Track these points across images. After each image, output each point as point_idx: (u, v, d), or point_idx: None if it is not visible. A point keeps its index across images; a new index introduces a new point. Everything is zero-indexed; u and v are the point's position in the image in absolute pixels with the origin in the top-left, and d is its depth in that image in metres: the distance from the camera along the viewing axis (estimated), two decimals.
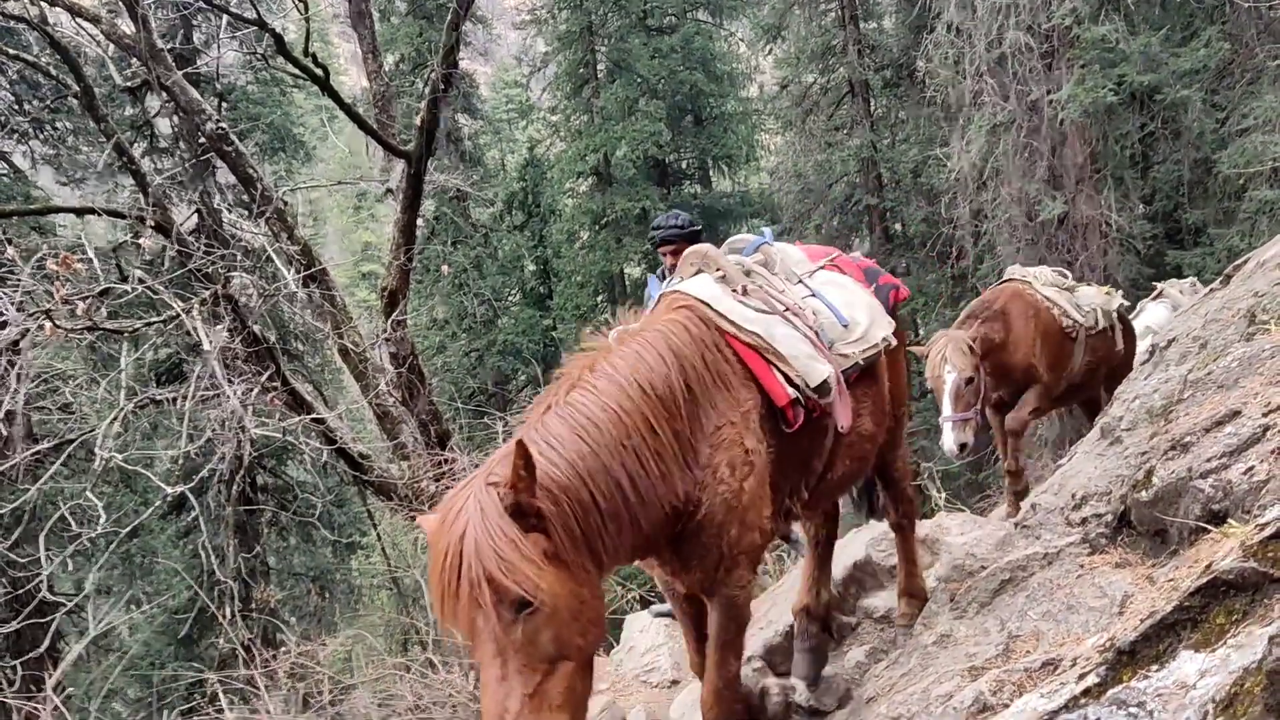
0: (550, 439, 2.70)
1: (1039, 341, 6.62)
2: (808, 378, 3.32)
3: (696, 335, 3.22)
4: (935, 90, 15.52)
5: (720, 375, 3.21)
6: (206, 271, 9.44)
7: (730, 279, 3.56)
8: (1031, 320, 6.66)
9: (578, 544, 2.60)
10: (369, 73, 14.59)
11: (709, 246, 3.81)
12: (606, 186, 23.52)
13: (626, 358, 2.99)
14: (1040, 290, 6.83)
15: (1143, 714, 1.97)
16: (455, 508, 2.51)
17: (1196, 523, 2.86)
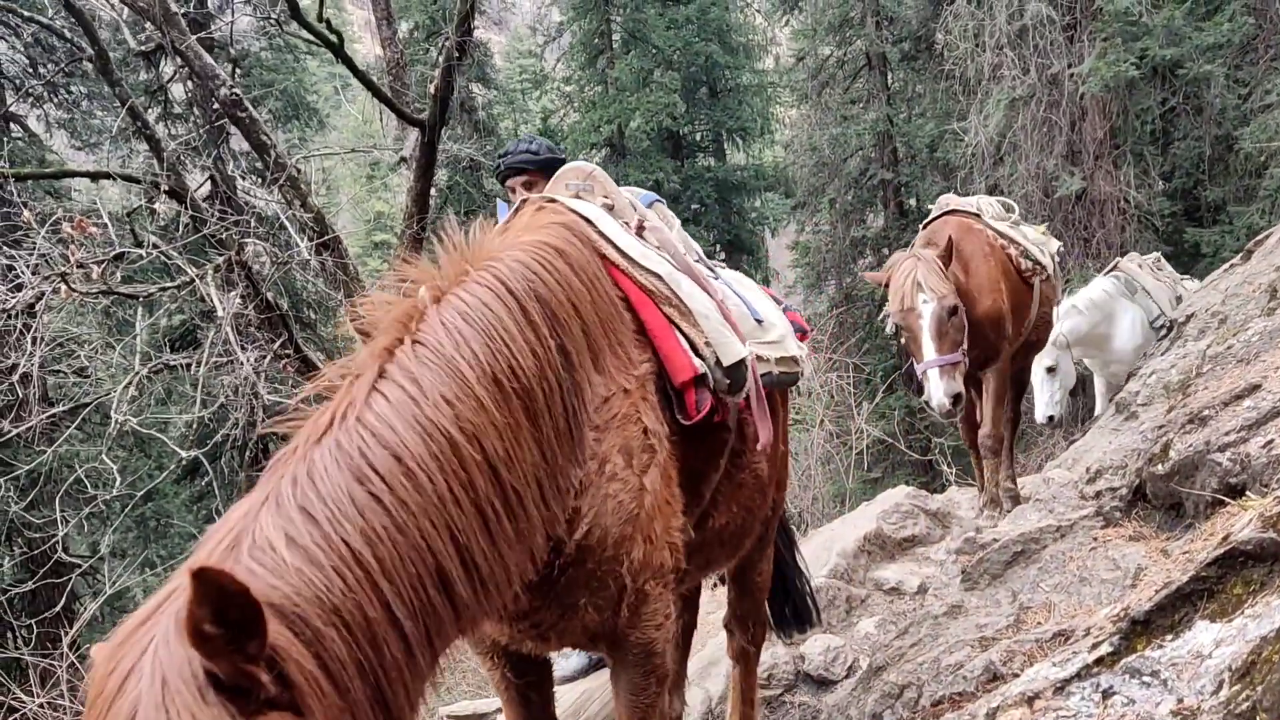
0: (295, 527, 1.50)
1: (1001, 281, 5.37)
2: (720, 351, 2.40)
3: (577, 263, 2.25)
4: (954, 63, 15.35)
5: (608, 325, 2.28)
6: (220, 238, 9.44)
7: (620, 211, 2.69)
8: (990, 260, 5.39)
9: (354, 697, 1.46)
10: (383, 40, 14.51)
11: (594, 167, 2.87)
12: (620, 158, 23.39)
13: (460, 326, 1.90)
14: (991, 225, 5.58)
15: (1156, 682, 1.97)
16: (120, 668, 1.33)
17: (1214, 495, 2.84)
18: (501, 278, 2.05)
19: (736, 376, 2.42)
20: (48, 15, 12.81)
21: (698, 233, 22.66)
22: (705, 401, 2.34)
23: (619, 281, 2.39)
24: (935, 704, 2.91)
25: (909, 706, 3.02)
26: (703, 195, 23.22)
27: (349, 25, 29.36)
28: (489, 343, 1.91)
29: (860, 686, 3.61)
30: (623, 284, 2.39)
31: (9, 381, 7.84)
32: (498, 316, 1.97)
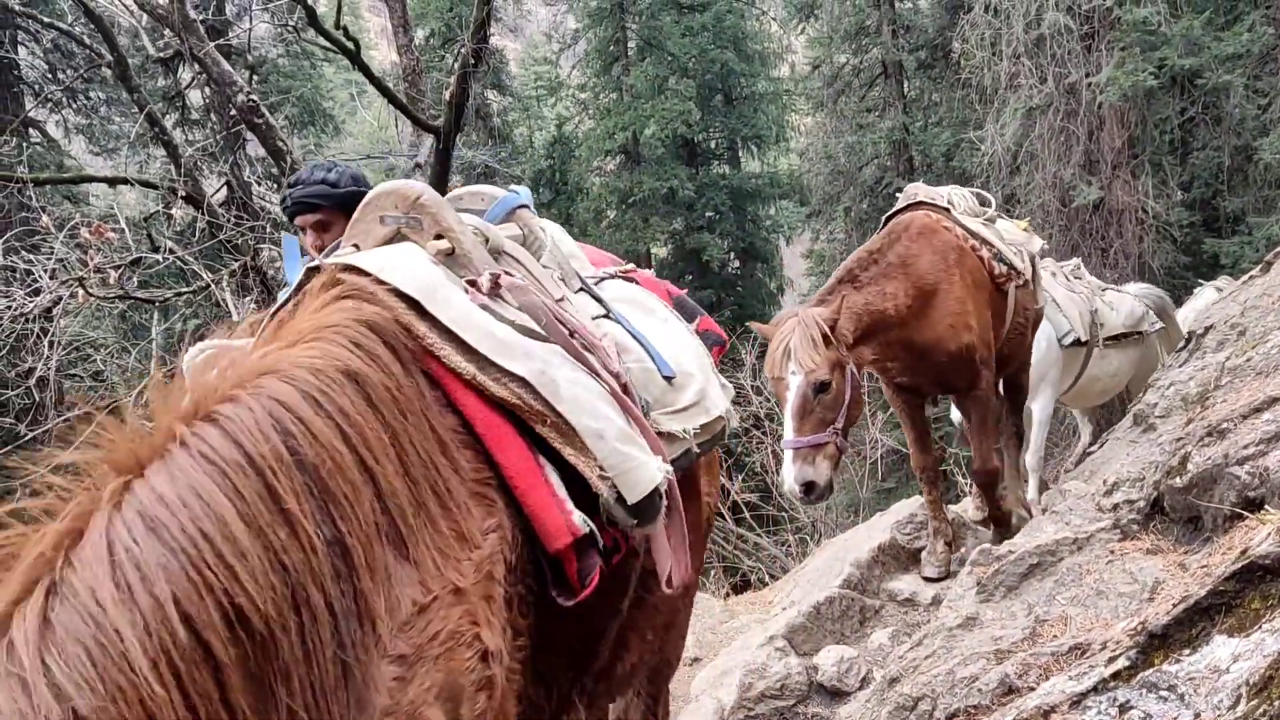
0: None
1: (970, 303, 4.60)
2: (623, 482, 1.78)
3: (381, 391, 1.55)
4: (970, 72, 15.31)
5: (432, 484, 1.57)
6: (236, 243, 9.49)
7: (463, 257, 1.97)
8: (955, 271, 4.60)
9: None
10: (399, 47, 14.55)
11: (422, 188, 2.10)
12: (634, 165, 23.42)
13: (138, 550, 1.17)
14: (961, 222, 4.84)
15: (1173, 697, 1.95)
16: None
17: (1232, 509, 2.81)
18: (235, 435, 1.30)
19: (648, 509, 1.80)
20: (67, 21, 12.93)
21: (712, 240, 22.70)
22: (592, 569, 1.68)
23: (459, 403, 1.67)
24: (950, 716, 2.88)
25: (923, 719, 2.99)
26: (717, 203, 23.21)
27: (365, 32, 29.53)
28: (188, 575, 1.16)
29: (874, 698, 3.58)
30: (465, 406, 1.67)
31: (26, 385, 7.89)
32: (215, 515, 1.22)
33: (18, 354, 8.25)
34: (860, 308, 4.30)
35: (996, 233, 5.00)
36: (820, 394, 4.11)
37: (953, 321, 4.51)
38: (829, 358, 4.08)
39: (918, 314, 4.47)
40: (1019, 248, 5.11)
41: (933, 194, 5.03)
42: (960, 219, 4.84)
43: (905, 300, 4.42)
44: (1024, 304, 5.11)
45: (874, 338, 4.38)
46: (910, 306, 4.43)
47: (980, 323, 4.62)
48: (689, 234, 23.00)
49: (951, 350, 4.53)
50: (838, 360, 4.13)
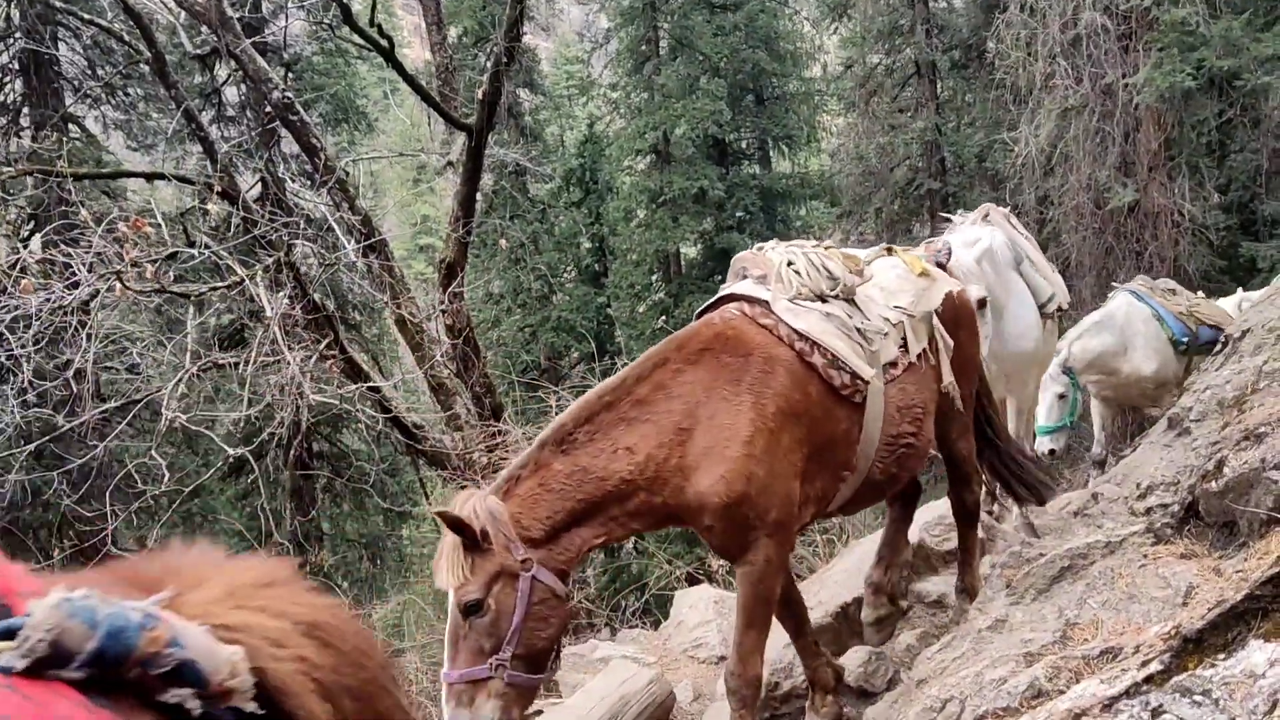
0: None
1: (762, 442, 3.31)
2: None
3: None
4: (1005, 72, 15.18)
5: None
6: (270, 239, 9.57)
7: None
8: (746, 397, 3.34)
9: None
10: (432, 45, 14.65)
11: None
12: (665, 165, 23.40)
13: None
14: (785, 319, 3.52)
15: (1208, 702, 1.93)
16: None
17: (1269, 514, 2.78)
18: None
19: None
20: (107, 18, 13.09)
21: (742, 241, 22.64)
22: None
23: None
24: (978, 718, 2.86)
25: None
26: (747, 203, 23.15)
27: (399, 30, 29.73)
28: None
29: (901, 699, 3.57)
30: None
31: (63, 377, 8.01)
32: None
33: (56, 346, 8.38)
34: (561, 484, 3.14)
35: (849, 320, 3.63)
36: (473, 616, 3.04)
37: (726, 471, 3.22)
38: (486, 569, 3.01)
39: (676, 468, 3.25)
40: (902, 319, 3.83)
41: (750, 287, 3.70)
42: (783, 315, 3.51)
43: (658, 452, 3.23)
44: (898, 405, 3.71)
45: (595, 516, 3.20)
46: (664, 461, 3.24)
47: (779, 468, 3.33)
48: (719, 234, 22.95)
49: (717, 509, 3.25)
50: (500, 570, 3.02)
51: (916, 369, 3.81)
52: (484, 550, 3.02)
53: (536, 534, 3.10)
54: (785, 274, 3.66)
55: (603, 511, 3.22)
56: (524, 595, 3.03)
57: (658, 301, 23.75)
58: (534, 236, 21.72)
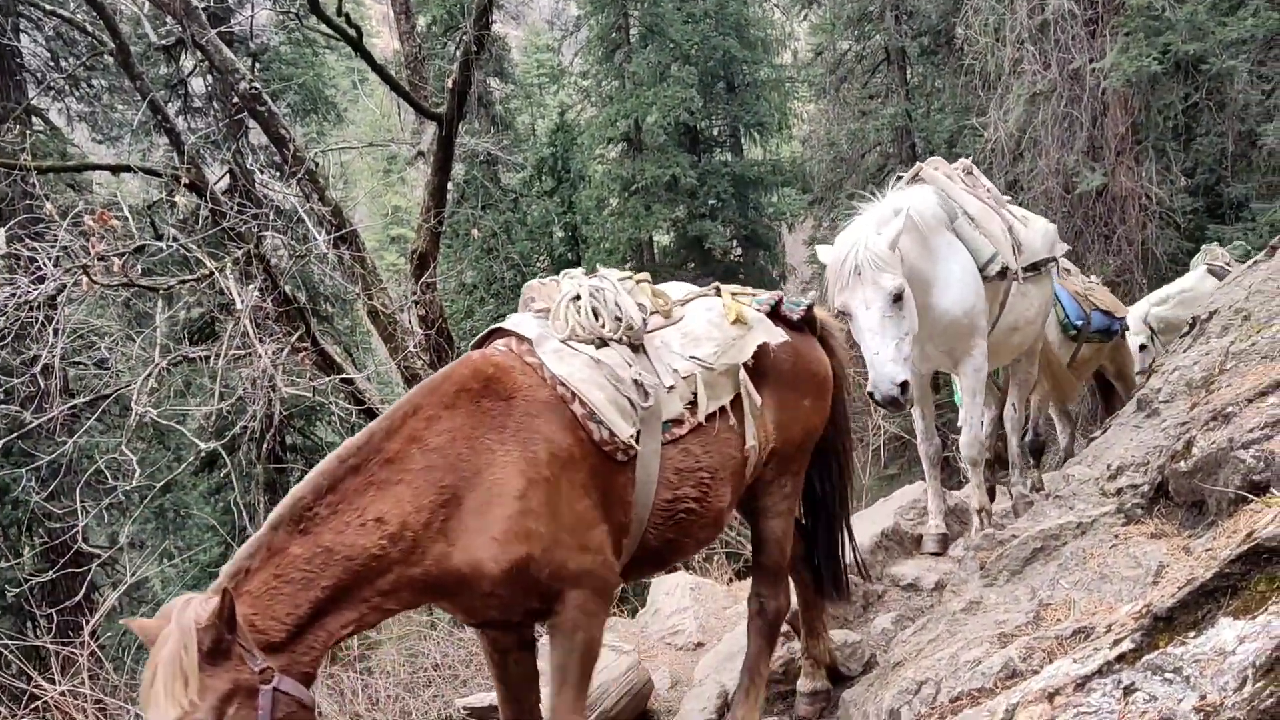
0: None
1: (538, 496, 2.93)
2: None
3: None
4: (974, 58, 15.27)
5: None
6: (239, 231, 9.49)
7: None
8: (512, 448, 2.96)
9: None
10: (401, 34, 14.55)
11: None
12: (636, 153, 23.39)
13: None
14: (549, 363, 3.15)
15: (1179, 679, 1.95)
16: None
17: (1237, 492, 2.82)
18: None
19: None
20: (69, 9, 12.90)
21: (714, 228, 22.67)
22: None
23: None
24: (954, 700, 2.89)
25: (927, 702, 3.00)
26: (719, 190, 23.17)
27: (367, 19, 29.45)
28: None
29: (877, 681, 3.60)
30: None
31: (31, 373, 7.90)
32: None
33: (22, 341, 8.26)
34: (301, 572, 2.61)
35: (631, 366, 3.22)
36: None
37: (500, 532, 2.84)
38: (215, 688, 2.45)
39: (439, 534, 2.81)
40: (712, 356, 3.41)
41: (521, 321, 3.34)
42: (547, 358, 3.15)
43: (415, 518, 2.77)
44: (678, 469, 3.27)
45: (344, 603, 2.69)
46: (423, 528, 2.78)
47: (567, 518, 2.98)
48: (691, 221, 22.99)
49: (496, 576, 2.85)
50: (235, 687, 2.48)
51: (708, 429, 3.33)
52: (211, 665, 2.43)
53: (276, 636, 2.55)
54: (564, 311, 3.29)
55: (353, 596, 2.70)
56: (265, 714, 2.51)
57: None
58: (506, 226, 21.64)
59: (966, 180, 5.34)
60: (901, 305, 4.17)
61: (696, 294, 3.70)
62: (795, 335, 3.74)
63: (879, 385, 4.07)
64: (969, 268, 4.84)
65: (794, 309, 3.80)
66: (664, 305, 3.52)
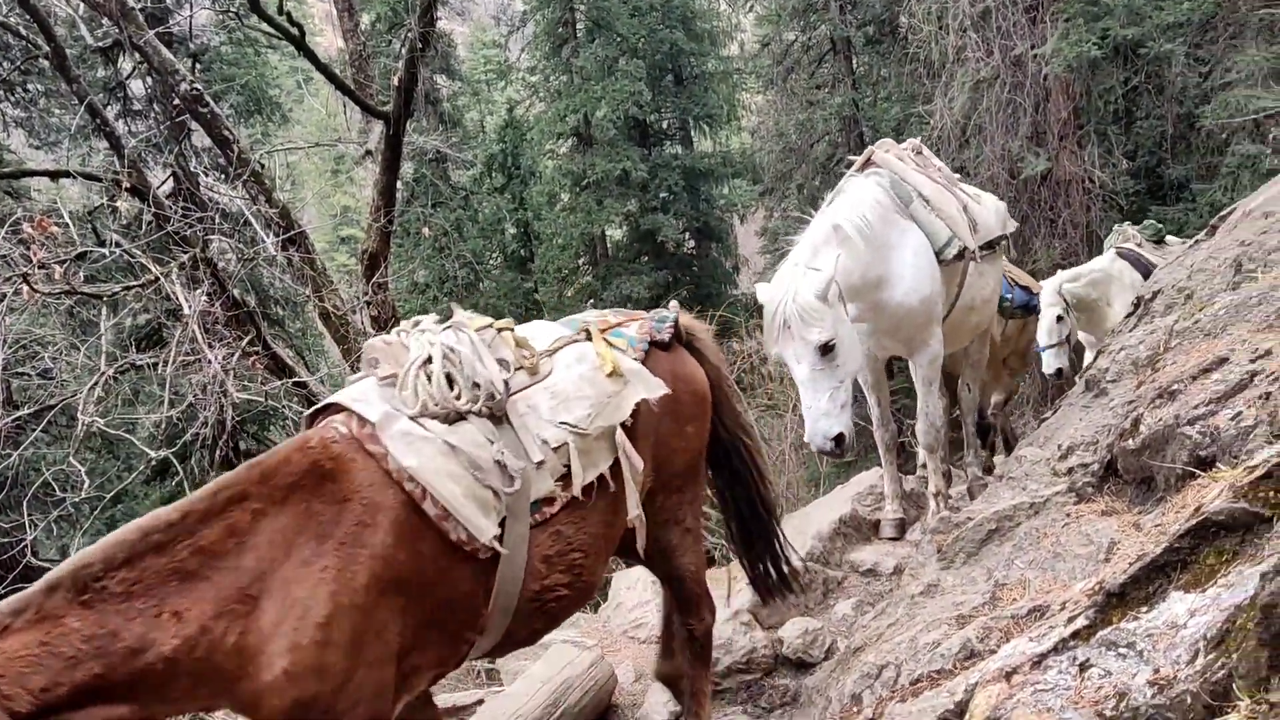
0: None
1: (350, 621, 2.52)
2: None
3: None
4: (918, 46, 15.41)
5: None
6: (184, 235, 9.34)
7: None
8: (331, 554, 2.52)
9: None
10: (344, 32, 14.39)
11: None
12: (587, 148, 23.32)
13: None
14: (396, 451, 2.68)
15: (1132, 654, 1.99)
16: None
17: (1184, 468, 2.88)
18: None
19: None
20: (2, 12, 12.57)
21: (667, 221, 22.69)
22: None
23: None
24: (914, 682, 2.92)
25: (888, 686, 3.04)
26: (670, 183, 23.19)
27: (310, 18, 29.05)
28: None
29: (839, 667, 3.63)
30: None
31: None
32: None
33: None
34: (75, 648, 2.21)
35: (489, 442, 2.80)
36: None
37: (292, 663, 2.41)
38: None
39: (233, 651, 2.39)
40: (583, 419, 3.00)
41: (354, 395, 2.82)
42: (397, 441, 2.68)
43: (215, 625, 2.37)
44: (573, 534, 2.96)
45: (110, 701, 2.27)
46: (220, 639, 2.38)
47: (369, 653, 2.54)
48: (643, 215, 22.98)
49: (277, 712, 2.45)
50: None
51: (583, 504, 2.95)
52: None
53: (22, 707, 2.13)
54: (413, 380, 2.80)
55: (125, 692, 2.27)
56: None
57: (585, 285, 23.73)
58: (457, 224, 21.50)
59: (917, 160, 5.27)
60: (834, 355, 4.09)
61: (565, 340, 3.22)
62: (667, 356, 3.40)
63: (813, 439, 4.13)
64: (924, 255, 4.77)
65: (661, 328, 3.43)
66: (529, 359, 3.06)
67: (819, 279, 4.12)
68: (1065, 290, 7.88)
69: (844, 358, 4.13)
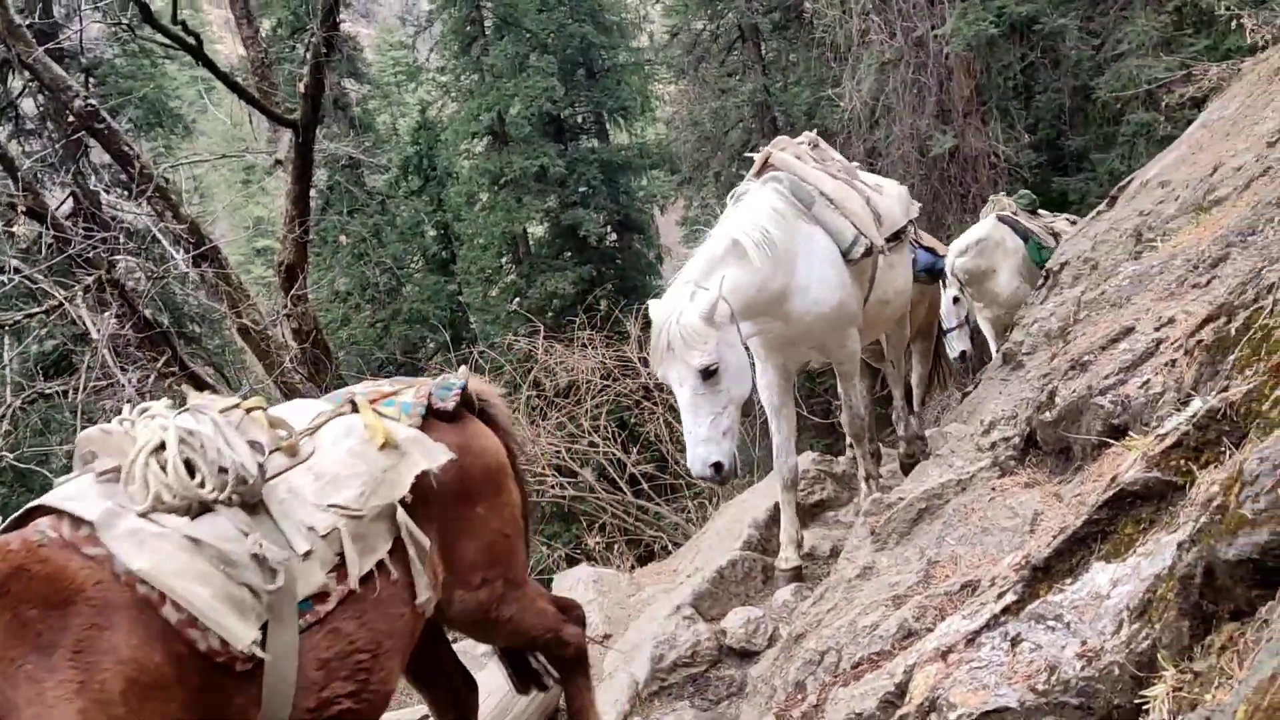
0: None
1: None
2: None
3: None
4: (823, 31, 15.61)
5: None
6: (88, 257, 9.06)
7: None
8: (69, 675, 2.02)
9: None
10: (244, 39, 14.04)
11: None
12: (502, 145, 23.13)
13: None
14: (121, 552, 2.19)
15: (1060, 626, 2.04)
16: None
17: (1099, 438, 2.96)
18: None
19: None
20: None
21: (588, 215, 22.67)
22: None
23: None
24: (855, 666, 2.97)
25: (830, 671, 3.08)
26: (589, 177, 23.13)
27: (208, 25, 28.32)
28: None
29: (782, 656, 3.67)
30: None
31: None
32: None
33: None
34: None
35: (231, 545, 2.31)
36: None
37: None
38: None
39: None
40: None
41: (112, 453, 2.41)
42: (121, 541, 2.23)
43: None
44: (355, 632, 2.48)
45: None
46: None
47: None
48: (564, 211, 22.89)
49: None
50: None
51: (364, 595, 2.50)
52: None
53: None
54: (142, 470, 2.32)
55: None
56: None
57: (510, 284, 23.56)
58: (375, 229, 21.18)
59: (815, 156, 5.06)
60: (717, 379, 3.91)
61: (328, 415, 2.72)
62: (453, 428, 2.88)
63: (693, 465, 3.95)
64: (830, 258, 4.55)
65: (446, 397, 2.90)
66: (286, 440, 2.57)
67: (704, 300, 3.93)
68: (957, 267, 8.02)
69: (729, 382, 3.95)
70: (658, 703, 4.09)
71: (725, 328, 3.97)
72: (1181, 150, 6.00)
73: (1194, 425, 2.10)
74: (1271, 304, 2.31)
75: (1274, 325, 2.20)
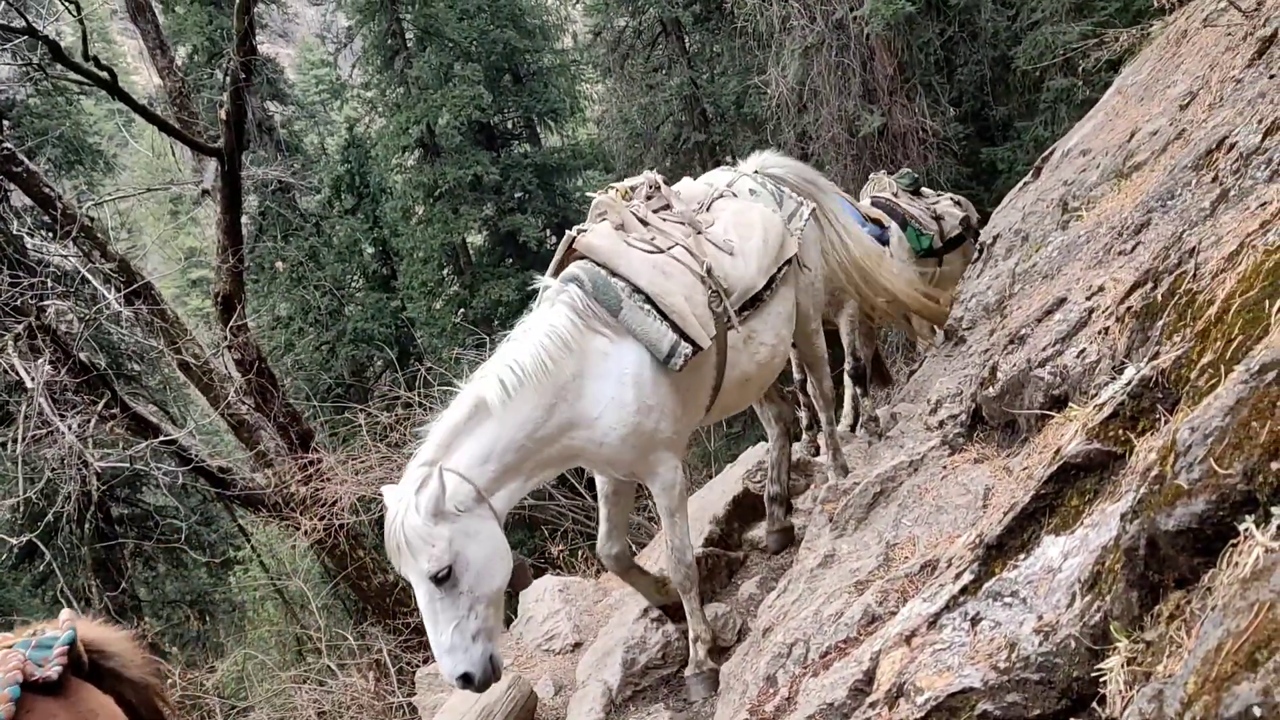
0: None
1: None
2: None
3: None
4: (745, 20, 15.69)
5: None
6: (16, 304, 8.84)
7: None
8: None
9: None
10: (160, 69, 13.75)
11: None
12: (435, 157, 22.94)
13: None
14: None
15: (1017, 602, 2.07)
16: None
17: (1041, 411, 3.01)
18: None
19: None
20: None
21: (526, 220, 22.58)
22: None
23: None
24: (823, 655, 2.99)
25: (799, 662, 3.10)
26: (524, 183, 23.04)
27: (121, 58, 27.70)
28: None
29: (751, 650, 3.69)
30: None
31: None
32: None
33: None
34: None
35: None
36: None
37: None
38: None
39: None
40: None
41: None
42: None
43: None
44: None
45: None
46: None
47: None
48: (501, 218, 22.78)
49: None
50: None
51: None
52: None
53: None
54: None
55: None
56: None
57: (453, 295, 23.39)
58: (312, 252, 20.90)
59: (652, 210, 4.28)
60: (454, 581, 3.37)
61: None
62: (60, 703, 1.83)
63: (444, 677, 3.55)
64: (630, 375, 3.80)
65: (46, 658, 1.87)
66: None
67: (426, 497, 3.35)
68: None
69: (471, 582, 3.40)
70: (633, 708, 4.09)
71: (466, 515, 3.42)
72: (1099, 118, 6.12)
73: (1129, 395, 2.15)
74: (1194, 269, 2.37)
75: (1197, 290, 2.26)
